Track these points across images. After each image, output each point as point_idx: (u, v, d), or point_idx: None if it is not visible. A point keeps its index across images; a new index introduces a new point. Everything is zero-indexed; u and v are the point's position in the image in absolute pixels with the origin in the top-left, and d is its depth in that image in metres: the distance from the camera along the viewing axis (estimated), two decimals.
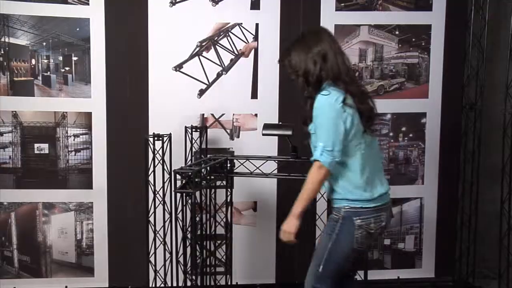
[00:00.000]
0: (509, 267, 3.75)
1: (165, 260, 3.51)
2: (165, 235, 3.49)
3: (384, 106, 3.90)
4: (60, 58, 3.68)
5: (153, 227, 3.48)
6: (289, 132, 3.10)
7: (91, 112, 3.71)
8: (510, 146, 3.71)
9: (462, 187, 4.05)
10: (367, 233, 2.43)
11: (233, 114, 3.80)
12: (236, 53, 3.76)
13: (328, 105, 2.37)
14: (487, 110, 3.92)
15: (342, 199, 2.46)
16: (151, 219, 3.48)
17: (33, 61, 3.66)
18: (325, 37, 2.49)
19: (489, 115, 3.93)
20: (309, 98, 2.45)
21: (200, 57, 3.73)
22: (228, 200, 3.46)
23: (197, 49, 3.72)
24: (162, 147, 3.44)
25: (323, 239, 2.53)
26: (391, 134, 3.95)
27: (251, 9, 3.75)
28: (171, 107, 3.71)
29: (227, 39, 3.75)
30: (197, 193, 3.10)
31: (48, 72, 3.68)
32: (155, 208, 3.46)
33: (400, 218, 4.01)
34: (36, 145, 3.71)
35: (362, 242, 2.44)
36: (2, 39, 3.59)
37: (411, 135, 3.97)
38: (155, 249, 3.51)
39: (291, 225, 2.45)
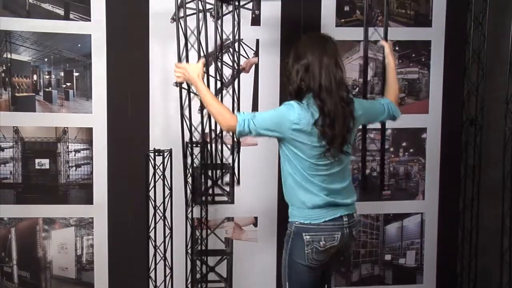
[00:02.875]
0: (511, 282, 3.73)
1: (165, 276, 3.50)
2: (165, 250, 3.48)
3: None
4: (62, 73, 3.69)
5: (153, 243, 3.48)
6: None
7: (92, 128, 3.72)
8: (510, 161, 3.71)
9: (463, 202, 4.05)
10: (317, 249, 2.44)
11: None
12: (237, 68, 3.77)
13: (284, 110, 2.45)
14: (487, 125, 3.92)
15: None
16: (152, 234, 3.47)
17: (35, 77, 3.67)
18: (320, 48, 2.44)
19: (490, 130, 3.93)
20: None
21: None
22: (229, 216, 3.46)
23: None
24: (163, 162, 3.44)
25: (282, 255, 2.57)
26: (391, 149, 3.95)
27: (251, 25, 3.77)
28: (172, 122, 3.71)
29: (228, 54, 3.77)
30: (198, 209, 3.10)
31: (50, 88, 3.69)
32: (155, 223, 3.45)
33: (401, 233, 4.00)
34: (37, 161, 3.72)
35: (313, 259, 2.44)
36: (4, 55, 3.61)
37: (411, 150, 3.97)
38: (156, 264, 3.50)
39: (193, 73, 2.71)
